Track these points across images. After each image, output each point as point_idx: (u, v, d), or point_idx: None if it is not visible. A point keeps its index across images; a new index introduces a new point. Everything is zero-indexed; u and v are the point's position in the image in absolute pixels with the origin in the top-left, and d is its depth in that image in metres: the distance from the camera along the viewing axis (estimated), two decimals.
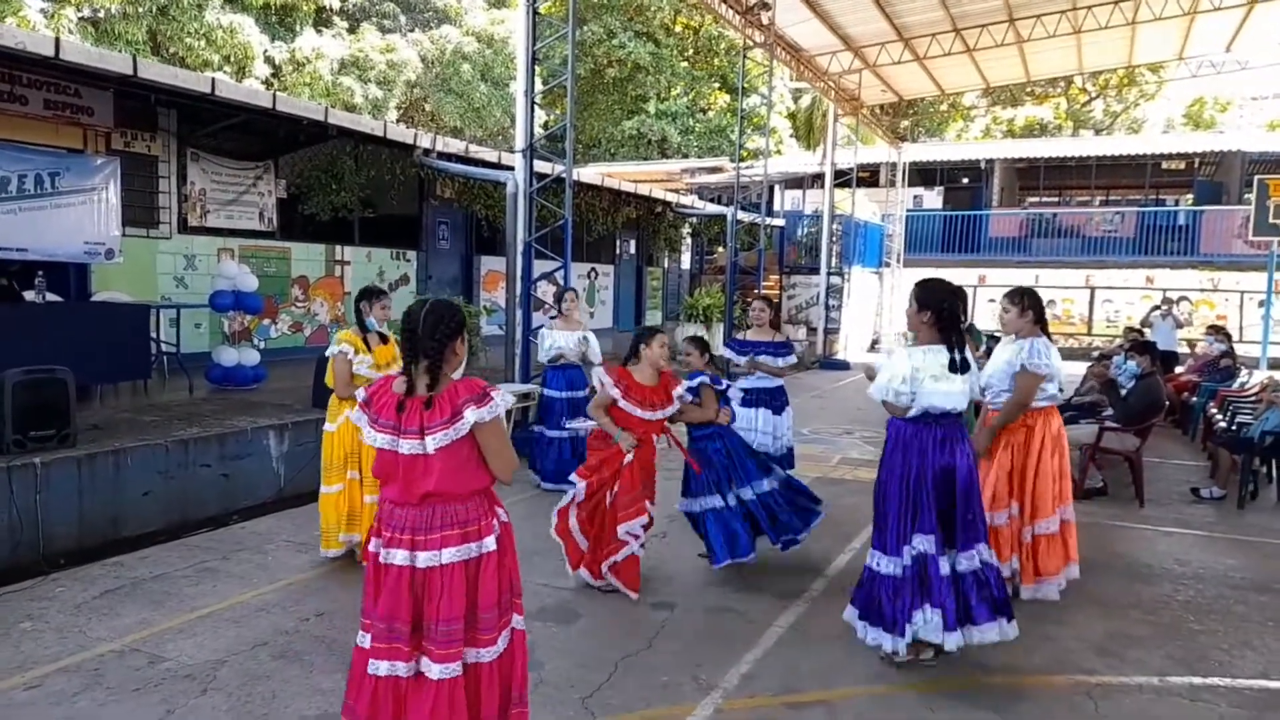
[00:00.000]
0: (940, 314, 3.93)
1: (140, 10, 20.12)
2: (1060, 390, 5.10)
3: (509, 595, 2.89)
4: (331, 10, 24.57)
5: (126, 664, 3.98)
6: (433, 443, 2.70)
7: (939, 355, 3.90)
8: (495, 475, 2.83)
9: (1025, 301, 4.87)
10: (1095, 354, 14.62)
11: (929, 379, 3.87)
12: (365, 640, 2.82)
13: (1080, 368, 14.13)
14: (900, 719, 3.65)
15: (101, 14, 20.39)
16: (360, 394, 2.93)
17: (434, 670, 2.73)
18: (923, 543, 3.90)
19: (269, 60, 22.27)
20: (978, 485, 4.10)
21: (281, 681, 3.84)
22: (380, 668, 2.76)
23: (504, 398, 2.83)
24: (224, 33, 20.89)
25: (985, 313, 20.34)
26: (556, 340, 7.18)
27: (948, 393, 3.88)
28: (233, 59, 21.20)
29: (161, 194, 10.05)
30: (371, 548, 2.87)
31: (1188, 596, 5.21)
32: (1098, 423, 7.78)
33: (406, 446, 2.73)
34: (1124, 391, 7.95)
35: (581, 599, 4.92)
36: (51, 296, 7.92)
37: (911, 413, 3.92)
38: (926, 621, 3.83)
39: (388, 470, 2.80)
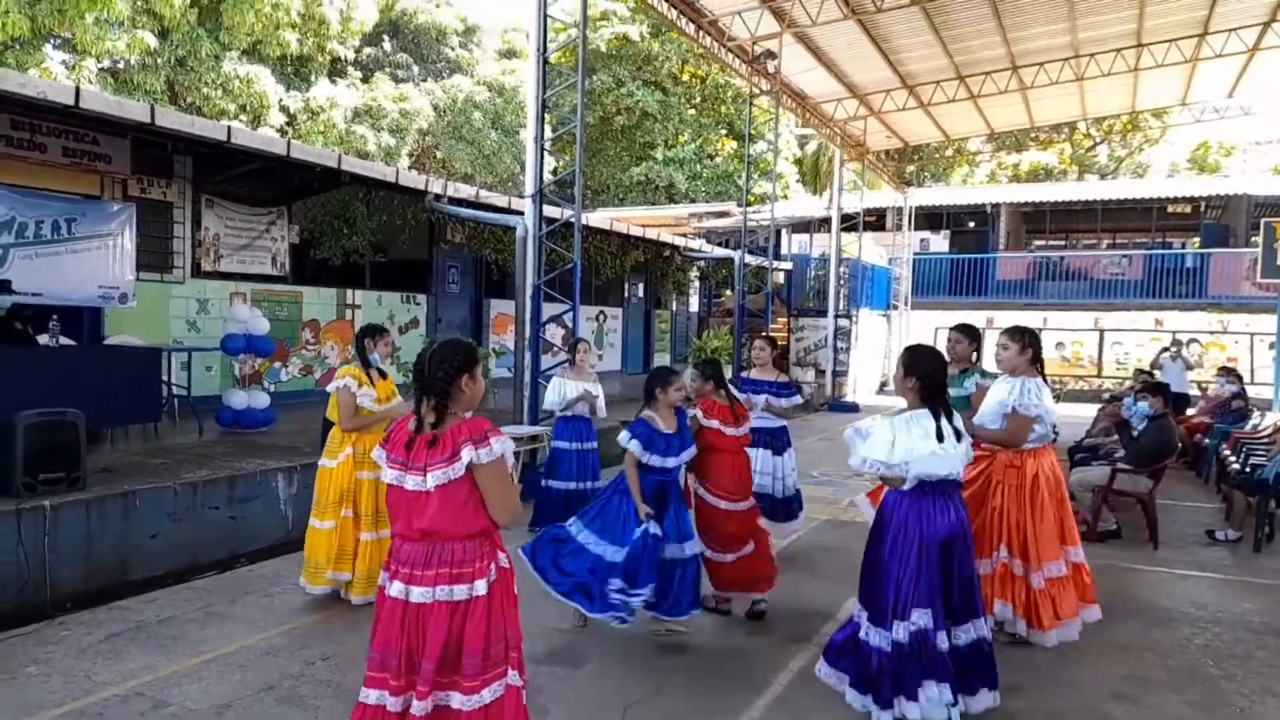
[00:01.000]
0: (925, 381, 3.85)
1: (159, 61, 20.60)
2: (1055, 431, 4.99)
3: (501, 646, 2.82)
4: (346, 61, 25.10)
5: (131, 709, 3.95)
6: (432, 480, 2.72)
7: (924, 422, 3.80)
8: (495, 520, 2.81)
9: (1026, 339, 4.83)
10: (1105, 395, 14.57)
11: (920, 446, 3.76)
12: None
13: (1090, 410, 14.09)
14: None
15: (121, 65, 20.87)
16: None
17: (414, 707, 2.74)
18: (921, 617, 3.74)
19: (284, 109, 22.70)
20: (973, 554, 3.98)
21: None
22: (370, 696, 2.79)
23: (505, 443, 2.81)
24: (240, 83, 21.33)
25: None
26: (566, 391, 7.14)
27: (942, 457, 3.76)
28: (249, 108, 21.62)
29: (176, 239, 10.18)
30: (380, 581, 2.90)
31: (1206, 640, 5.13)
32: (1110, 464, 7.72)
33: (411, 482, 2.77)
34: (1136, 433, 7.90)
35: (590, 642, 4.87)
36: (65, 340, 7.99)
37: (907, 485, 3.80)
38: (931, 700, 3.67)
39: (394, 505, 2.85)
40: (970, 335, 5.61)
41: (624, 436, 4.77)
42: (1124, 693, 4.35)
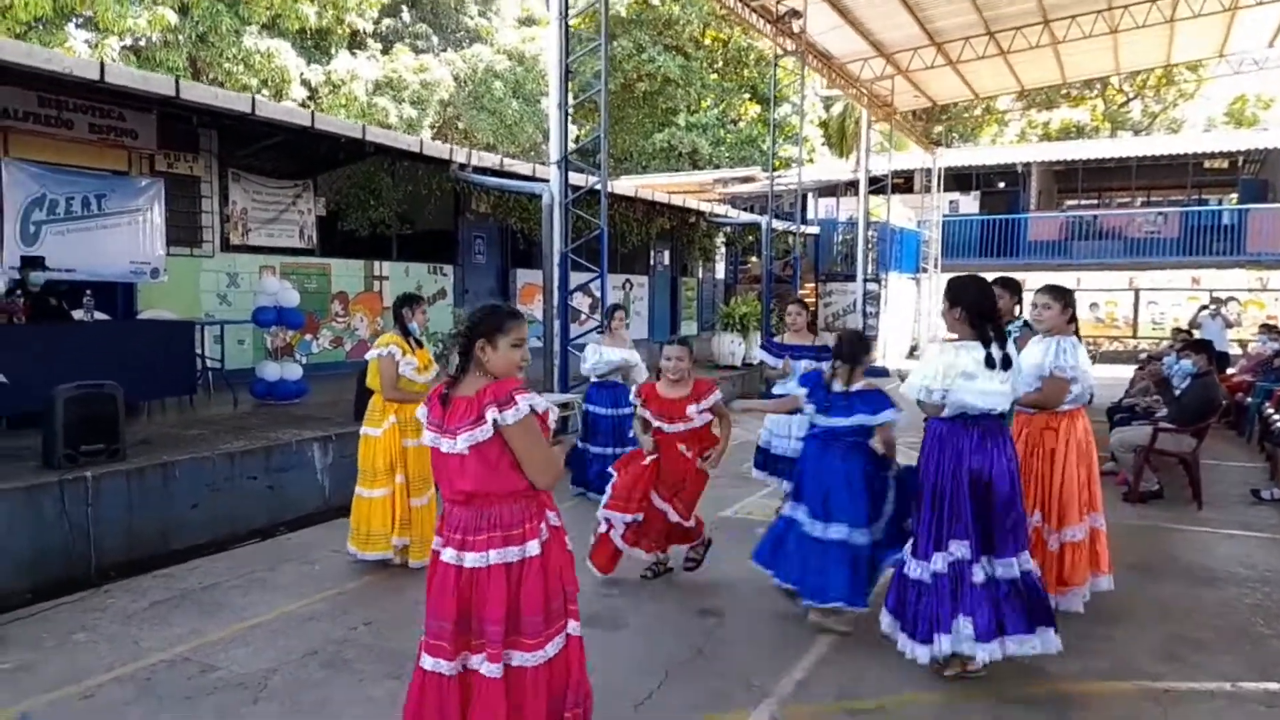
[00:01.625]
0: (972, 308, 3.81)
1: (180, 38, 20.57)
2: (1091, 394, 4.86)
3: (560, 601, 2.86)
4: (365, 33, 24.94)
5: (178, 673, 4.00)
6: (463, 441, 2.71)
7: (973, 351, 3.76)
8: (531, 482, 2.79)
9: (1068, 298, 4.70)
10: (1142, 356, 14.32)
11: (961, 377, 3.72)
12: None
13: (1126, 370, 13.85)
14: None
15: (143, 42, 20.87)
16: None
17: (480, 668, 2.75)
18: (959, 548, 3.75)
19: (305, 83, 22.64)
20: (1020, 490, 3.93)
21: (332, 690, 3.83)
22: (426, 662, 2.80)
23: (534, 401, 2.76)
24: (262, 57, 21.27)
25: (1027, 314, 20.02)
26: (605, 355, 7.13)
27: (984, 391, 3.71)
28: (270, 82, 21.57)
29: (204, 214, 10.22)
30: (434, 545, 2.90)
31: (1256, 600, 5.04)
32: (1151, 424, 7.58)
33: (445, 445, 2.77)
34: (1178, 391, 7.74)
35: (629, 605, 4.87)
36: (99, 315, 8.06)
37: (946, 412, 3.79)
38: (957, 632, 3.68)
39: (437, 468, 2.86)
40: (1011, 289, 5.50)
41: (794, 386, 4.86)
42: (1172, 653, 4.28)
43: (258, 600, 4.97)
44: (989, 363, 3.72)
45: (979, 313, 3.81)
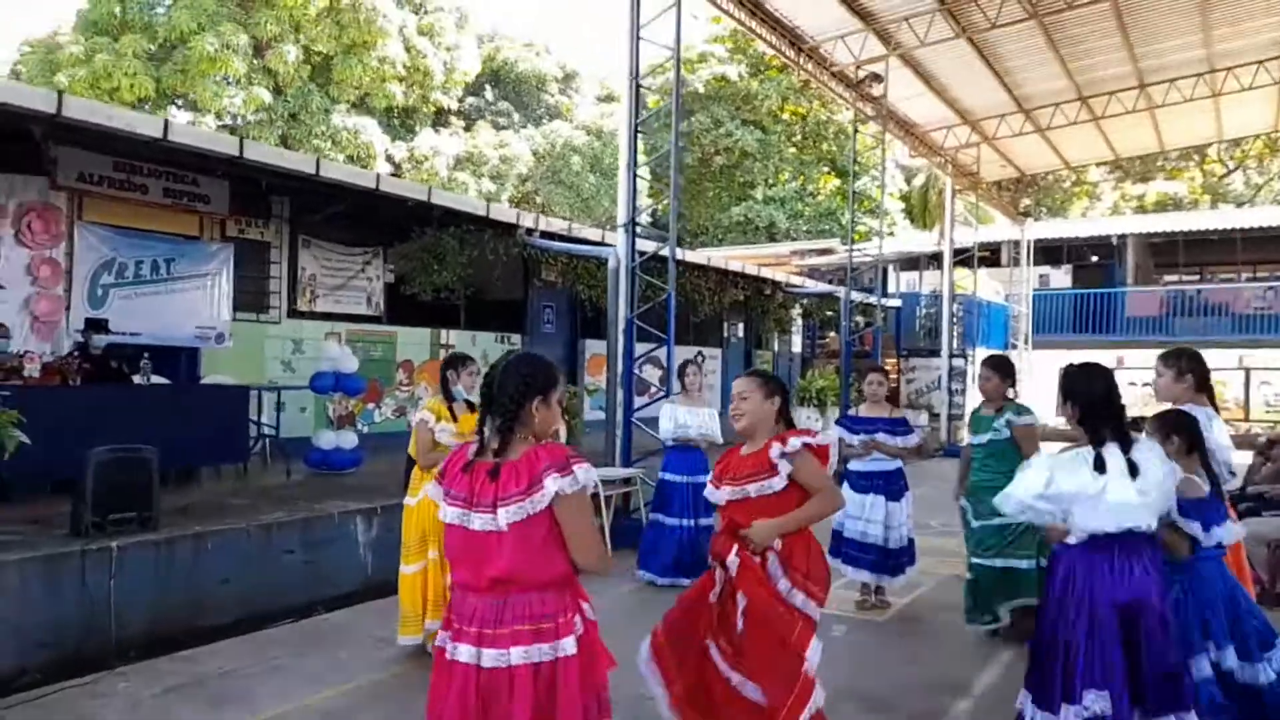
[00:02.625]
0: (1088, 405, 3.16)
1: (273, 116, 21.44)
2: (1231, 472, 4.10)
3: (595, 713, 2.36)
4: (449, 110, 25.67)
5: None
6: (505, 516, 2.25)
7: (1088, 461, 3.07)
8: (579, 565, 2.35)
9: (1183, 364, 4.02)
10: (1261, 440, 13.08)
11: (1083, 488, 3.03)
12: None
13: (1242, 456, 12.65)
14: None
15: (239, 121, 21.82)
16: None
17: None
18: (1098, 701, 2.99)
19: (389, 158, 23.30)
20: (1174, 628, 3.16)
21: None
22: None
23: (590, 472, 2.34)
24: (348, 134, 22.00)
25: (1126, 397, 18.79)
26: (679, 417, 6.59)
27: (1116, 505, 3.00)
28: (356, 158, 22.26)
29: (272, 279, 10.21)
30: (438, 642, 2.44)
31: None
32: None
33: (479, 522, 2.30)
34: None
35: None
36: (157, 379, 7.96)
37: (1071, 539, 3.09)
38: None
39: (457, 550, 2.38)
40: (1001, 370, 5.15)
41: None
42: None
43: (274, 690, 4.51)
44: (1099, 467, 3.04)
45: (1097, 408, 3.16)
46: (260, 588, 5.84)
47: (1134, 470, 3.06)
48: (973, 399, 19.85)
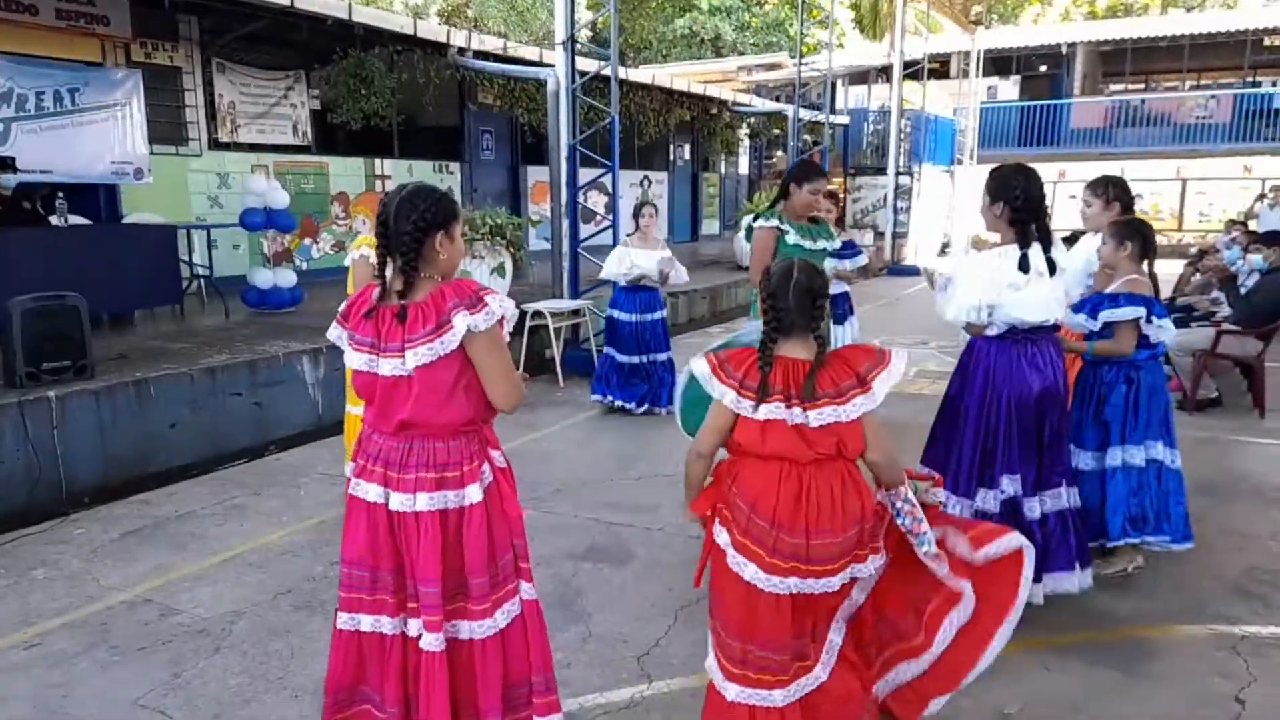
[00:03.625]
0: (1015, 204, 3.22)
1: None
2: None
3: (509, 558, 2.35)
4: None
5: (136, 617, 3.63)
6: (414, 359, 2.16)
7: (1013, 259, 3.22)
8: (495, 404, 2.28)
9: (1111, 191, 4.12)
10: (1193, 251, 13.45)
11: (1008, 288, 3.19)
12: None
13: (1172, 266, 13.02)
14: (1010, 681, 3.09)
15: None
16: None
17: (421, 640, 2.29)
18: (1011, 484, 3.31)
19: None
20: (1069, 412, 3.51)
21: (302, 638, 3.44)
22: (346, 620, 2.34)
23: (505, 302, 2.24)
24: None
25: (1067, 210, 19.02)
26: (636, 260, 6.59)
27: (1034, 302, 3.19)
28: None
29: (188, 108, 9.55)
30: (347, 472, 2.42)
31: None
32: (1213, 325, 6.93)
33: (387, 367, 2.21)
34: (1244, 289, 7.05)
35: (637, 536, 4.43)
36: (76, 219, 7.55)
37: (991, 330, 3.27)
38: None
39: (365, 391, 2.30)
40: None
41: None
42: (1249, 590, 3.79)
43: (234, 530, 4.58)
44: (1023, 266, 3.18)
45: (1023, 208, 3.21)
46: (210, 431, 5.80)
47: (1052, 268, 3.25)
48: (917, 218, 19.97)
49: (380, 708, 2.36)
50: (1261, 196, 13.64)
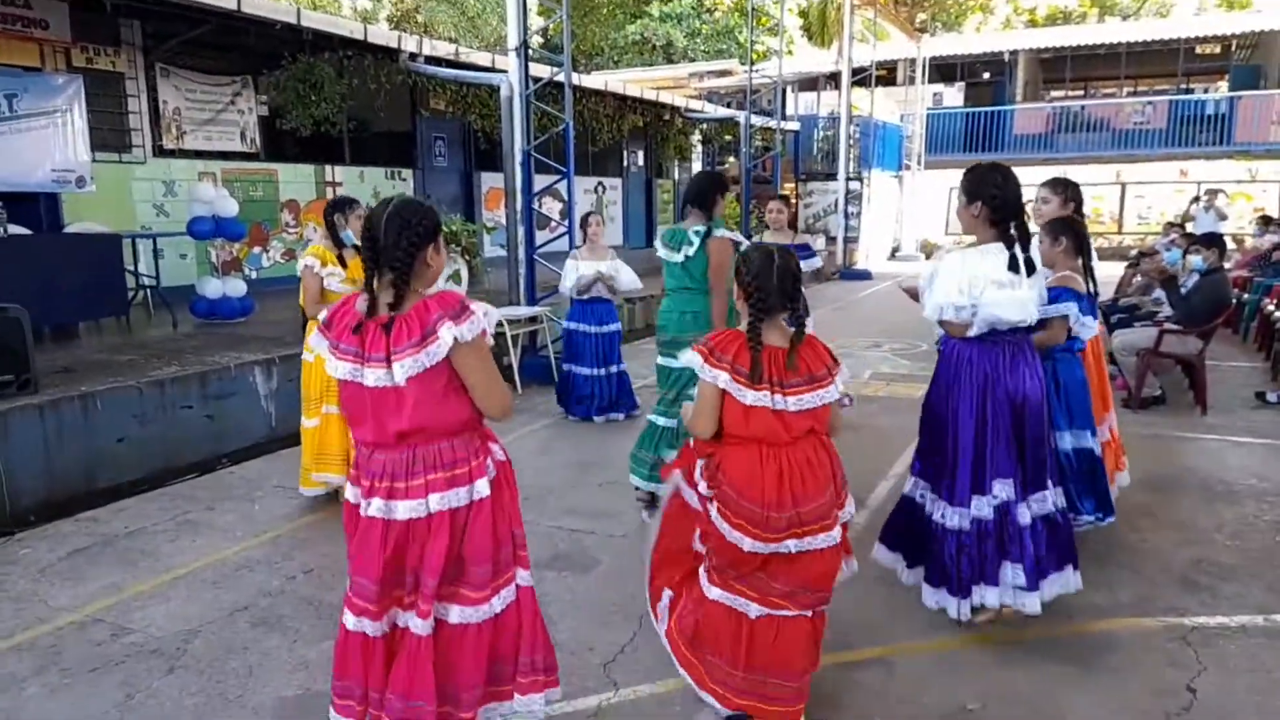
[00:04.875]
0: (994, 204, 3.23)
1: None
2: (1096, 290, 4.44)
3: (509, 548, 2.42)
4: None
5: (88, 638, 3.52)
6: (401, 371, 2.17)
7: (999, 256, 3.20)
8: (484, 413, 2.33)
9: (1068, 191, 4.23)
10: (1133, 253, 13.84)
11: (991, 287, 3.18)
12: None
13: (1113, 268, 13.39)
14: (971, 678, 3.15)
15: None
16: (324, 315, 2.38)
17: (409, 625, 2.35)
18: (1003, 489, 3.26)
19: None
20: (1048, 414, 3.49)
21: (260, 655, 3.37)
22: (349, 620, 2.40)
23: (487, 313, 2.28)
24: None
25: None
26: (581, 271, 6.60)
27: (1013, 301, 3.18)
28: None
29: (131, 114, 9.33)
30: (349, 497, 2.41)
31: (1276, 517, 4.66)
32: (1155, 325, 7.14)
33: (372, 377, 2.21)
34: (1184, 290, 7.27)
35: (600, 543, 4.43)
36: (17, 229, 7.33)
37: (973, 330, 3.25)
38: (1005, 583, 3.24)
39: (354, 407, 2.30)
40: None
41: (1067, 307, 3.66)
42: (1196, 581, 3.90)
43: (187, 546, 4.48)
44: (1013, 266, 3.17)
45: (1002, 207, 3.24)
46: (160, 445, 5.67)
47: (1031, 268, 3.26)
48: (867, 223, 20.27)
49: (360, 701, 2.41)
50: (1196, 199, 14.09)
